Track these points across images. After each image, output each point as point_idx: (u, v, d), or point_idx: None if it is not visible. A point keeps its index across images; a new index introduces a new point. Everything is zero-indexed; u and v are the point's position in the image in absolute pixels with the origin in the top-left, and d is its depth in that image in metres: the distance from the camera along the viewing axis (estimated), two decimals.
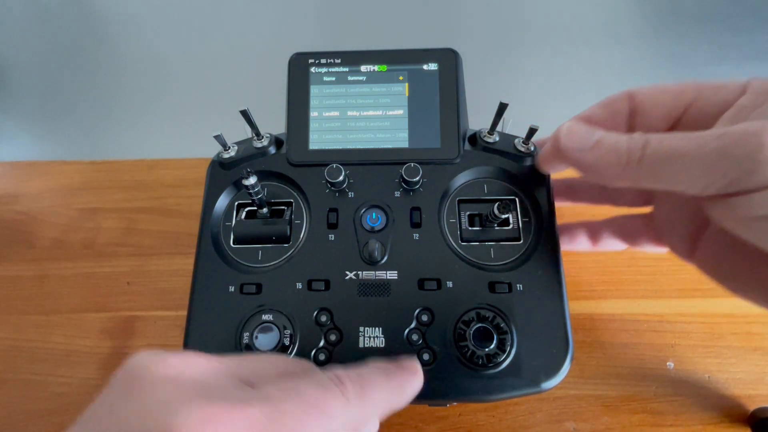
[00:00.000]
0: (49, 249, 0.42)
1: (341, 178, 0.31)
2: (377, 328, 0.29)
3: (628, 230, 0.34)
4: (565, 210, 0.39)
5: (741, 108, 0.24)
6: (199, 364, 0.20)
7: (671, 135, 0.23)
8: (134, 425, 0.17)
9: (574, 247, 0.37)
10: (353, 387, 0.20)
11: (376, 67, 0.34)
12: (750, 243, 0.23)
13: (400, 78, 0.34)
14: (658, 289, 0.38)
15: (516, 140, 0.33)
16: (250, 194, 0.30)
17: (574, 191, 0.36)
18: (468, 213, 0.32)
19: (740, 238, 0.23)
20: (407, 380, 0.24)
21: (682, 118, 0.27)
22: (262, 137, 0.34)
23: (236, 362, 0.21)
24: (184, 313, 0.30)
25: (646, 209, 0.34)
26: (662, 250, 0.33)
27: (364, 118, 0.34)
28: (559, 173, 0.32)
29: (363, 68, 0.34)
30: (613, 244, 0.35)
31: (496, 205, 0.30)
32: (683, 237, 0.30)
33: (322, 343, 0.29)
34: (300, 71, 0.35)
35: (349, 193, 0.32)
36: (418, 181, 0.32)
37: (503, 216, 0.30)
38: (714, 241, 0.28)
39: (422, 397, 0.28)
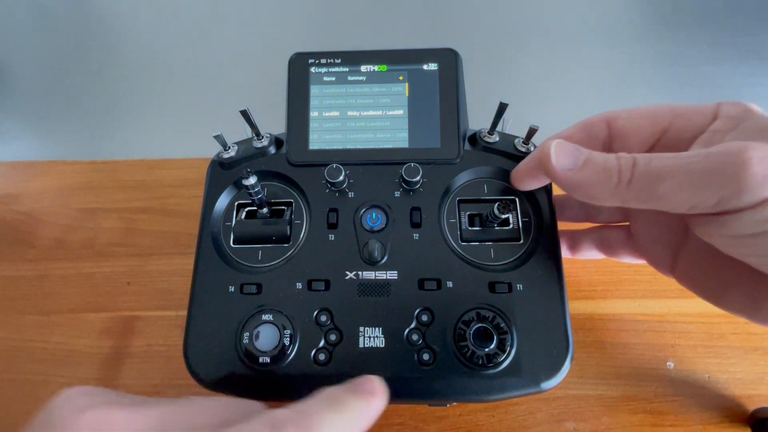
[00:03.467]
0: (49, 249, 0.42)
1: (341, 178, 0.31)
2: (377, 328, 0.29)
3: (608, 242, 0.34)
4: None
5: (714, 132, 0.25)
6: (118, 423, 0.19)
7: (658, 155, 0.23)
8: None
9: None
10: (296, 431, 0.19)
11: (376, 67, 0.34)
12: (738, 258, 0.23)
13: (400, 78, 0.34)
14: (658, 289, 0.38)
15: (516, 140, 0.33)
16: (250, 194, 0.30)
17: (562, 210, 0.36)
18: (468, 213, 0.32)
19: (728, 254, 0.23)
20: (363, 406, 0.21)
21: (658, 143, 0.27)
22: (262, 137, 0.34)
23: (166, 414, 0.20)
24: (184, 313, 0.30)
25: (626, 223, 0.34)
26: (641, 262, 0.33)
27: (364, 118, 0.34)
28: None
29: (363, 68, 0.34)
30: (592, 254, 0.35)
31: (496, 205, 0.30)
32: (663, 252, 0.30)
33: (322, 343, 0.29)
34: (300, 71, 0.35)
35: (349, 193, 0.32)
36: (418, 181, 0.32)
37: (503, 216, 0.30)
38: (695, 255, 0.28)
39: (422, 397, 0.28)
